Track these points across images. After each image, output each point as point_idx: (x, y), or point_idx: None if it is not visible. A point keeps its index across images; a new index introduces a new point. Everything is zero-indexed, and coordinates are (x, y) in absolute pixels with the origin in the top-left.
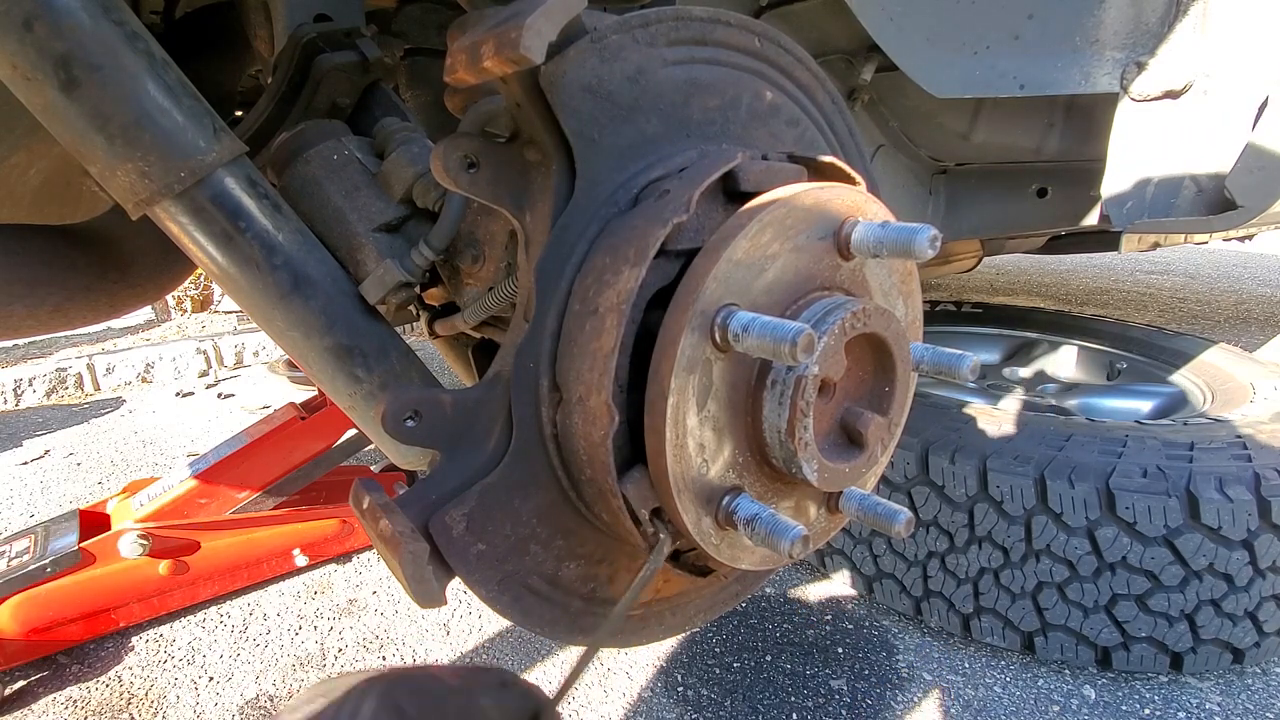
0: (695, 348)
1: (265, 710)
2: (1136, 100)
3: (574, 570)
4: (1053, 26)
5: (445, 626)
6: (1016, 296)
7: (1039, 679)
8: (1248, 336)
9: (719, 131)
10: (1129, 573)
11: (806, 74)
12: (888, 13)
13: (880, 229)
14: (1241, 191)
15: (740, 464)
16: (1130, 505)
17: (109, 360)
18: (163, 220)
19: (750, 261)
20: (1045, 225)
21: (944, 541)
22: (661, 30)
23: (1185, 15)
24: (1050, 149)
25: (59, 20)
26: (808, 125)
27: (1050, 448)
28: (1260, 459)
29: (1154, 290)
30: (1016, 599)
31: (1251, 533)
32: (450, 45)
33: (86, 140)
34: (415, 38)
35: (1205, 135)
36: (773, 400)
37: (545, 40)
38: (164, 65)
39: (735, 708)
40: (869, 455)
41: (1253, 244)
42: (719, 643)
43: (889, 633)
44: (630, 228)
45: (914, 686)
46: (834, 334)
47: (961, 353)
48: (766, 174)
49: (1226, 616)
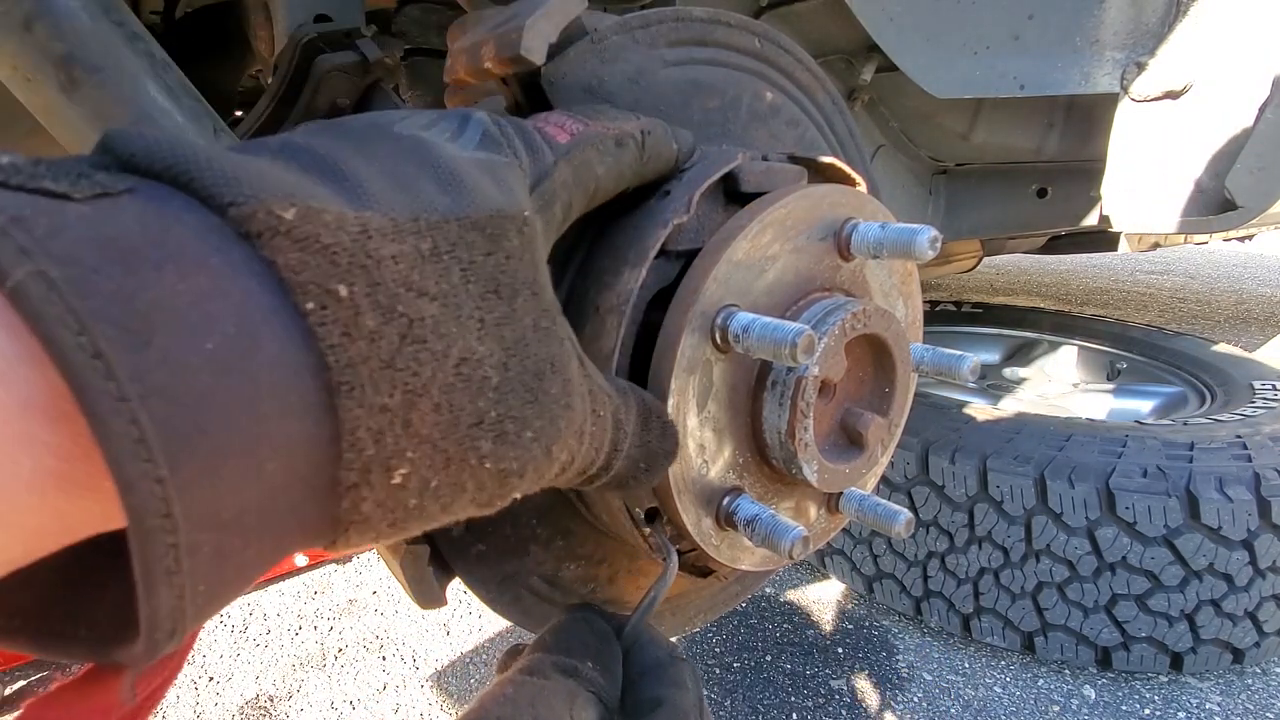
0: (695, 348)
1: (265, 710)
2: (1136, 100)
3: (574, 571)
4: (1053, 27)
5: (445, 627)
6: (1016, 296)
7: (1039, 679)
8: (1248, 336)
9: (719, 132)
10: (1129, 573)
11: (807, 75)
12: (888, 13)
13: (880, 230)
14: (1241, 191)
15: (740, 465)
16: (1130, 505)
17: None
18: None
19: (751, 262)
20: (1045, 225)
21: (944, 541)
22: (661, 31)
23: (1185, 15)
24: (1050, 149)
25: (59, 21)
26: (808, 126)
27: (1050, 448)
28: (1260, 459)
29: (1154, 290)
30: (1016, 599)
31: (1251, 533)
32: (450, 46)
33: (86, 140)
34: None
35: (1205, 135)
36: (773, 401)
37: (545, 41)
38: (164, 66)
39: (735, 708)
40: (869, 456)
41: (1253, 244)
42: (719, 643)
43: (889, 633)
44: (630, 229)
45: (914, 686)
46: (834, 335)
47: (961, 353)
48: (767, 175)
49: (1226, 616)
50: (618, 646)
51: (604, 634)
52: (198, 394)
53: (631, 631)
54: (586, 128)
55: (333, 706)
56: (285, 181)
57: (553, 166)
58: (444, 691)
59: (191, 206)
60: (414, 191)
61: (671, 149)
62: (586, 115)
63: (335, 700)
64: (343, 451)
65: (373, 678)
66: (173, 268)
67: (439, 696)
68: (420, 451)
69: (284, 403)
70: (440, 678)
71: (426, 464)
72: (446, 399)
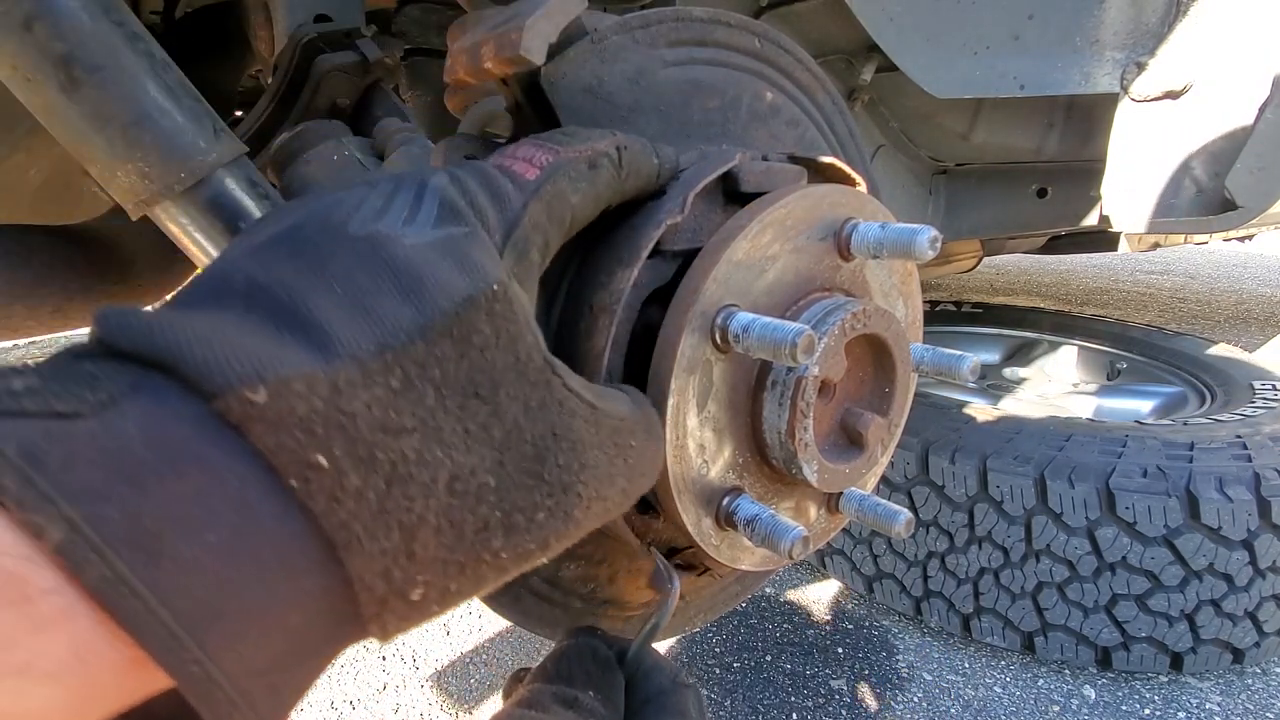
0: (695, 349)
1: None
2: (1136, 100)
3: (574, 571)
4: (1053, 27)
5: (445, 627)
6: (1016, 296)
7: (1039, 679)
8: (1248, 336)
9: (719, 132)
10: (1129, 573)
11: (807, 75)
12: (888, 13)
13: (880, 230)
14: (1241, 191)
15: (740, 465)
16: (1130, 505)
17: None
18: (163, 220)
19: (750, 262)
20: (1045, 225)
21: (944, 541)
22: (661, 31)
23: (1185, 15)
24: (1050, 149)
25: (59, 21)
26: (808, 126)
27: (1050, 448)
28: (1260, 459)
29: (1154, 290)
30: (1016, 599)
31: (1251, 533)
32: (450, 46)
33: (86, 141)
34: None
35: (1205, 135)
36: (773, 401)
37: (545, 41)
38: (164, 66)
39: (735, 708)
40: (869, 456)
41: (1253, 244)
42: (719, 643)
43: (889, 633)
44: (626, 228)
45: (914, 686)
46: (834, 335)
47: (961, 353)
48: (766, 175)
49: (1226, 616)
50: (620, 674)
51: (606, 661)
52: (210, 583)
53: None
54: (557, 156)
55: (333, 706)
56: (255, 355)
57: (522, 211)
58: (444, 692)
59: (184, 397)
60: (376, 315)
61: (652, 163)
62: (557, 142)
63: (335, 700)
64: (356, 593)
65: (373, 678)
66: (173, 471)
67: (439, 696)
68: (431, 571)
69: (291, 568)
70: (440, 678)
71: (441, 578)
72: (446, 520)
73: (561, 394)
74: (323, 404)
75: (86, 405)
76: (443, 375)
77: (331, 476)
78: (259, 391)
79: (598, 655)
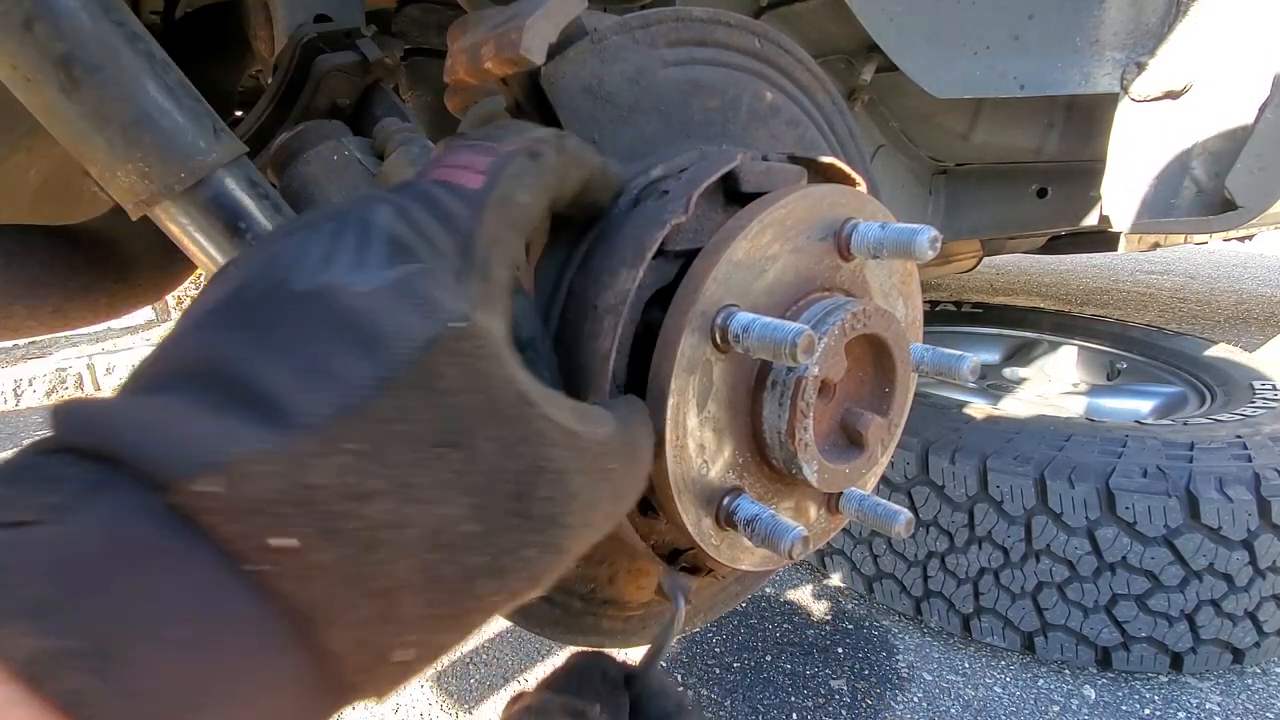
0: (695, 349)
1: None
2: (1136, 100)
3: (574, 570)
4: (1053, 27)
5: None
6: (1016, 296)
7: (1039, 679)
8: (1248, 336)
9: (719, 132)
10: (1129, 573)
11: (807, 75)
12: (888, 13)
13: (880, 230)
14: (1241, 191)
15: (740, 465)
16: (1130, 505)
17: (109, 360)
18: (163, 220)
19: (750, 262)
20: (1045, 225)
21: (944, 541)
22: (661, 31)
23: (1185, 15)
24: (1050, 149)
25: (59, 21)
26: (808, 126)
27: (1050, 448)
28: (1260, 459)
29: (1154, 290)
30: (1016, 599)
31: (1251, 533)
32: (450, 46)
33: (86, 140)
34: (415, 38)
35: (1205, 135)
36: (773, 401)
37: (545, 41)
38: (164, 66)
39: (735, 708)
40: (869, 456)
41: (1253, 244)
42: (719, 643)
43: (889, 633)
44: (628, 228)
45: (914, 686)
46: (834, 335)
47: (961, 353)
48: (767, 175)
49: (1226, 616)
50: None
51: (613, 681)
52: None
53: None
54: (496, 155)
55: None
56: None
57: (475, 227)
58: (444, 692)
59: (139, 492)
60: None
61: (595, 157)
62: (493, 139)
63: None
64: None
65: None
66: (132, 571)
67: (439, 696)
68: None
69: (263, 651)
70: (440, 678)
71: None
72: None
73: (540, 424)
74: (283, 481)
75: (44, 510)
76: (411, 429)
77: (298, 555)
78: (215, 479)
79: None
